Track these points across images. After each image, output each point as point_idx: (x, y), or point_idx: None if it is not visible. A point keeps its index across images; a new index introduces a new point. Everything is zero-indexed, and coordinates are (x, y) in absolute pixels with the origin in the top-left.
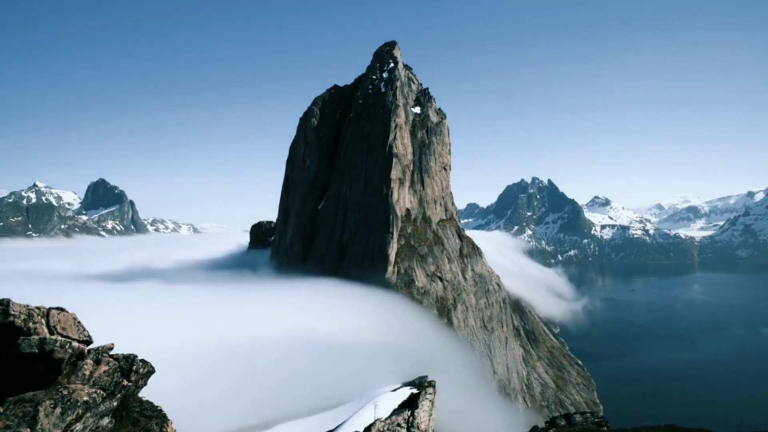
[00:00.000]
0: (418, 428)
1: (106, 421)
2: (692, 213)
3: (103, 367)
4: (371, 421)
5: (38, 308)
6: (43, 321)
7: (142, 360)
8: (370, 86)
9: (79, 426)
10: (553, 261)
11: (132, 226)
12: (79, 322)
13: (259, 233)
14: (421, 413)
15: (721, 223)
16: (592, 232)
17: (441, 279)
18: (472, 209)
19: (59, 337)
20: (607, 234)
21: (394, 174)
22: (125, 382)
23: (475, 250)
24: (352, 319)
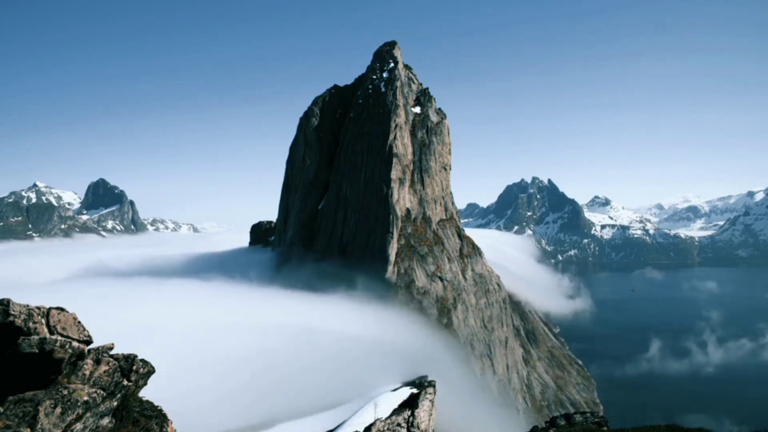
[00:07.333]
0: (418, 428)
1: (106, 420)
2: (692, 213)
3: (103, 367)
4: (371, 421)
5: (38, 308)
6: (43, 321)
7: (142, 360)
8: (370, 86)
9: (79, 426)
10: (553, 261)
11: (132, 226)
12: (79, 322)
13: (259, 233)
14: (421, 413)
15: (721, 223)
16: (592, 231)
17: (441, 279)
18: (472, 209)
19: (59, 337)
20: (607, 234)
21: (394, 174)
22: (125, 382)
23: (475, 250)
24: (352, 319)
